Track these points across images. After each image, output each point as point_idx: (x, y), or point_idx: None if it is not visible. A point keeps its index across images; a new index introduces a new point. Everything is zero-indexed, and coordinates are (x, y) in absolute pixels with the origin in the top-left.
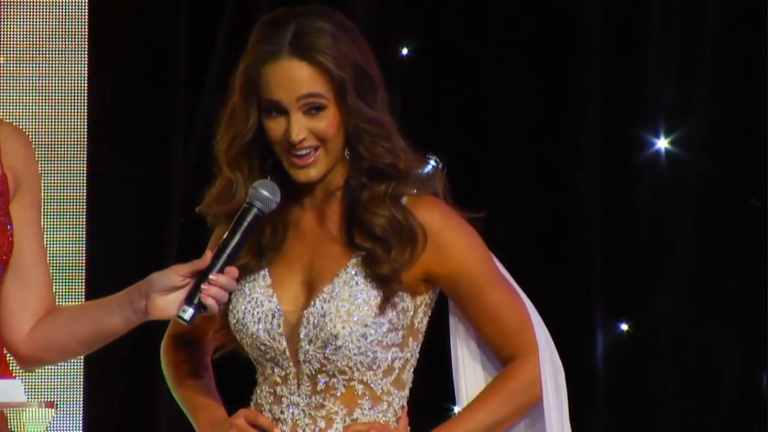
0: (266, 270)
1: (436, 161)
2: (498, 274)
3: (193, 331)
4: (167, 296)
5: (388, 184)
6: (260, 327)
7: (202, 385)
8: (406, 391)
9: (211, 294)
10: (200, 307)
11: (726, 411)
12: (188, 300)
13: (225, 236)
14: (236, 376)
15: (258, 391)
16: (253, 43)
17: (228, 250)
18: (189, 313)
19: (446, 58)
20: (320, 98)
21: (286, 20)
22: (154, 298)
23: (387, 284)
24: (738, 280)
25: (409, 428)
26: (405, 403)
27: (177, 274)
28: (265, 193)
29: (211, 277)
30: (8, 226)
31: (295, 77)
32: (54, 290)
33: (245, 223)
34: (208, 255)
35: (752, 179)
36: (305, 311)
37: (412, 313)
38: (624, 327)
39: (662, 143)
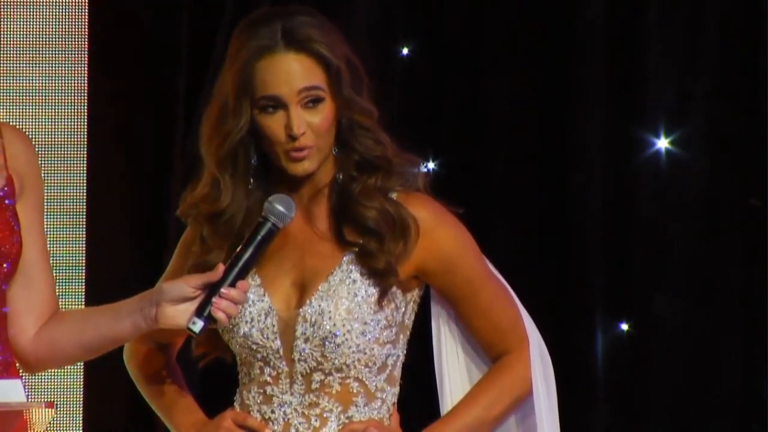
0: (254, 270)
1: (422, 165)
2: (489, 270)
3: (163, 335)
4: (177, 306)
5: (377, 177)
6: (253, 326)
7: (176, 388)
8: (397, 388)
9: (221, 307)
10: (210, 319)
11: (726, 411)
12: (199, 312)
13: (238, 250)
14: (214, 379)
15: (244, 392)
16: (241, 43)
17: (240, 264)
18: (199, 325)
19: (446, 58)
20: (319, 90)
21: (271, 18)
22: (165, 307)
23: (384, 278)
24: (738, 280)
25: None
26: (395, 400)
27: (189, 286)
28: (280, 208)
29: (222, 290)
30: (16, 227)
31: (294, 70)
32: (57, 292)
33: (259, 238)
34: (221, 268)
35: (752, 179)
36: (301, 309)
37: (403, 309)
38: (624, 327)
39: (662, 143)
